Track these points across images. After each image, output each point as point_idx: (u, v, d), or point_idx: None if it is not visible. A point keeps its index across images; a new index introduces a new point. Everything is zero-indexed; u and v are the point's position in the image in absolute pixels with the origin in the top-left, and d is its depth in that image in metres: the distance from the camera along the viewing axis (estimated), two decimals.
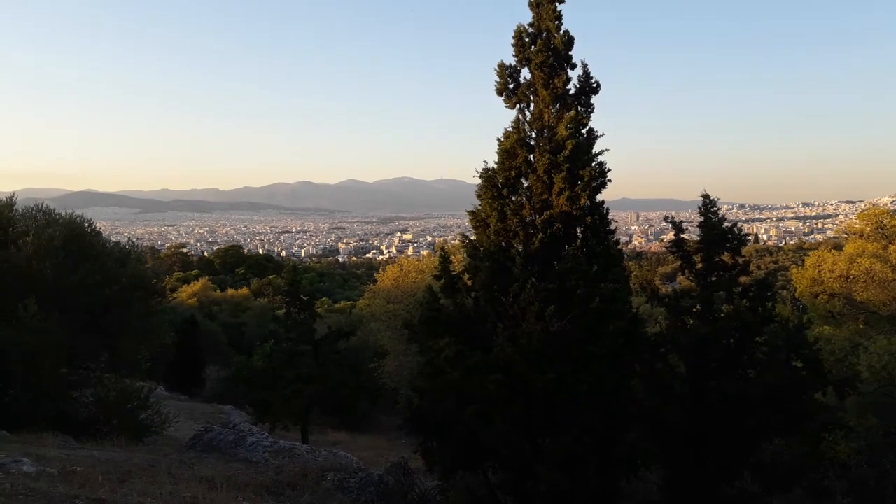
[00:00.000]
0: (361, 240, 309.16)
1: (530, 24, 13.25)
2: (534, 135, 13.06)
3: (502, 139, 12.96)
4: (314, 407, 24.25)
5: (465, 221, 13.76)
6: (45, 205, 17.74)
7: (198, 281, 68.30)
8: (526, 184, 12.79)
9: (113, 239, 19.83)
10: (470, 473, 12.42)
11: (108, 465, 9.07)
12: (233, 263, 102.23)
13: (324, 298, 64.86)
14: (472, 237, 13.18)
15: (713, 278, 13.82)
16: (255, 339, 45.13)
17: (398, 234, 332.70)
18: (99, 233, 17.21)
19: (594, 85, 13.04)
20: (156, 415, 15.01)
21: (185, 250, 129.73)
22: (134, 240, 22.66)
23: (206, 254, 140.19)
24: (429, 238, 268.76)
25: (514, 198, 12.79)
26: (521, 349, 11.21)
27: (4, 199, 17.82)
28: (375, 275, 40.52)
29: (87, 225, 16.79)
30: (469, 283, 12.84)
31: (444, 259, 13.11)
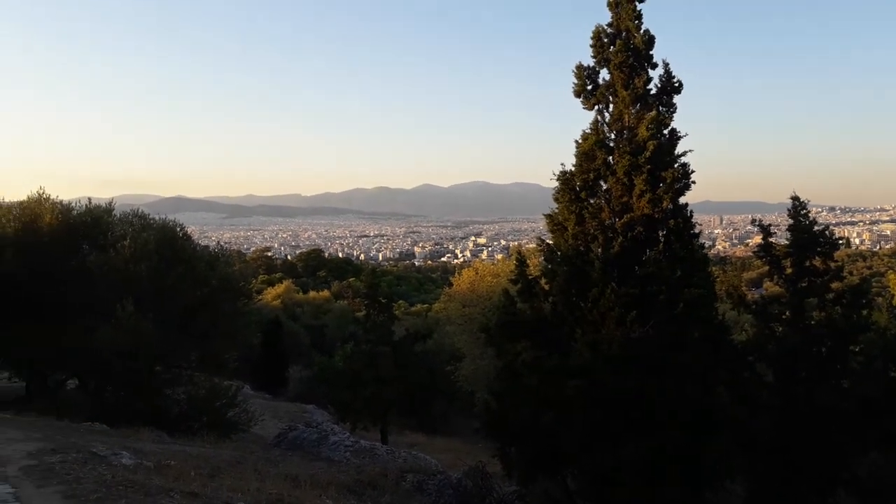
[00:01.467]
0: (436, 244, 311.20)
1: (609, 25, 13.05)
2: (613, 136, 12.84)
3: (580, 141, 12.81)
4: (393, 408, 24.58)
5: (541, 225, 13.64)
6: (140, 210, 18.74)
7: (281, 283, 70.43)
8: (605, 186, 12.59)
9: (202, 243, 20.76)
10: (548, 479, 12.30)
11: (198, 461, 9.44)
12: (314, 266, 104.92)
13: (401, 301, 65.66)
14: (549, 241, 13.07)
15: (804, 284, 13.23)
16: (335, 341, 46.10)
17: (472, 238, 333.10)
18: (190, 237, 18.03)
19: (676, 84, 12.71)
20: (243, 413, 15.58)
21: (269, 254, 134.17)
22: (222, 244, 23.57)
23: (289, 257, 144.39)
24: (503, 242, 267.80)
25: (592, 201, 12.61)
26: (601, 355, 11.04)
27: (104, 205, 18.97)
28: (451, 278, 40.66)
29: (179, 229, 17.62)
30: (546, 287, 12.73)
31: (521, 263, 13.06)
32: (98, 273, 15.68)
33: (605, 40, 12.99)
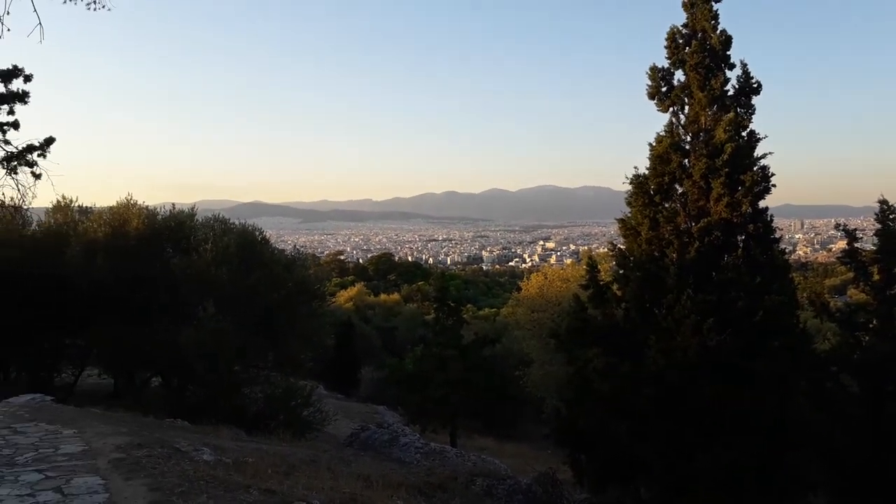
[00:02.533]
0: (504, 248, 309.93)
1: (684, 25, 12.80)
2: (689, 139, 12.58)
3: (654, 144, 12.59)
4: (462, 411, 24.64)
5: (611, 230, 13.50)
6: (220, 215, 19.46)
7: (354, 286, 71.75)
8: (680, 190, 12.34)
9: (278, 246, 21.38)
10: (620, 488, 12.10)
11: (275, 458, 9.68)
12: (385, 270, 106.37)
13: (469, 305, 65.76)
14: (622, 246, 12.88)
15: (893, 291, 12.59)
16: (405, 343, 46.55)
17: (541, 242, 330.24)
18: (268, 241, 18.60)
19: (755, 85, 12.35)
20: (317, 412, 15.92)
21: (342, 257, 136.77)
22: (298, 247, 24.20)
23: (360, 261, 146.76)
24: (572, 247, 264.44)
25: (667, 205, 12.37)
26: (675, 363, 10.80)
27: (187, 210, 19.79)
28: (519, 283, 40.45)
29: (258, 234, 18.20)
30: (618, 293, 12.55)
31: (592, 268, 12.91)
32: (181, 276, 16.36)
33: (680, 41, 12.75)
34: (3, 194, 11.12)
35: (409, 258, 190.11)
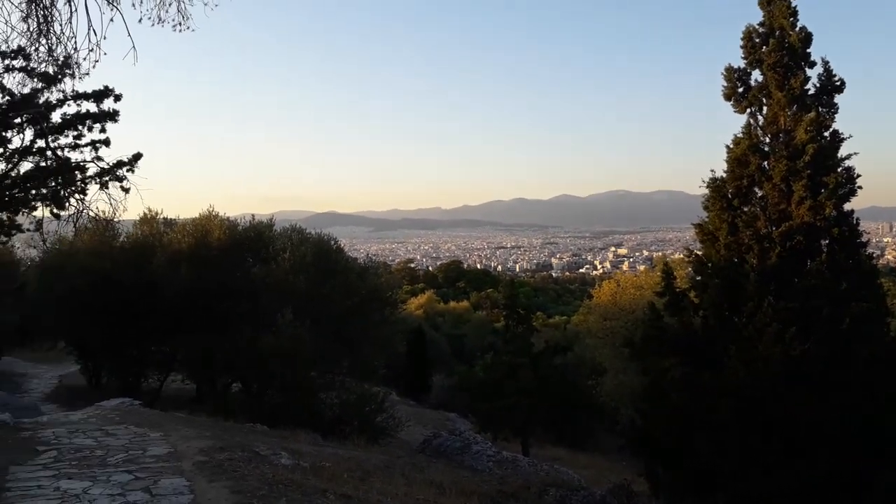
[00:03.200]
0: (574, 255, 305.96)
1: (760, 24, 12.42)
2: (768, 140, 12.19)
3: (731, 146, 12.25)
4: (533, 420, 24.48)
5: (686, 235, 13.19)
6: (297, 225, 20.03)
7: (424, 294, 72.29)
8: (760, 193, 11.96)
9: (351, 255, 21.82)
10: (697, 501, 11.76)
11: (350, 463, 9.85)
12: (454, 277, 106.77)
13: (539, 313, 65.27)
14: (698, 251, 12.57)
15: None
16: (475, 350, 46.56)
17: (612, 248, 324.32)
18: (342, 250, 19.01)
19: (837, 83, 11.87)
20: (390, 418, 16.11)
21: (412, 265, 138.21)
22: (371, 255, 24.61)
23: (430, 268, 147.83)
24: (645, 253, 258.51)
25: (746, 209, 12.01)
26: (756, 373, 10.44)
27: (265, 220, 20.48)
28: (590, 290, 39.86)
29: (332, 243, 18.64)
30: (695, 300, 12.24)
31: (668, 275, 12.64)
32: (261, 284, 16.91)
33: (757, 40, 12.39)
34: (97, 208, 11.73)
35: (478, 265, 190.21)
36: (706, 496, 11.56)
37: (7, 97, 11.07)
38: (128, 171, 11.96)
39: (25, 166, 11.70)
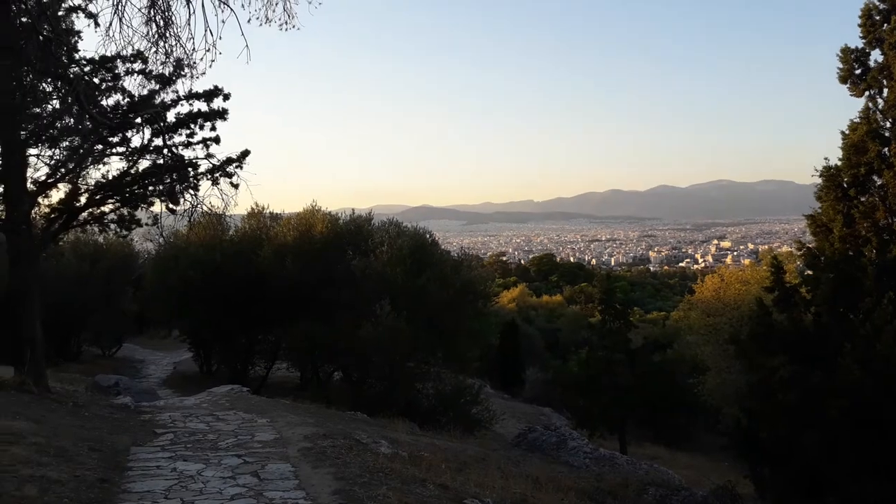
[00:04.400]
0: (673, 248, 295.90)
1: (881, 0, 11.59)
2: (888, 125, 11.39)
3: (847, 132, 11.53)
4: (631, 417, 24.01)
5: (795, 227, 12.52)
6: (394, 219, 20.49)
7: (516, 287, 72.09)
8: (879, 182, 11.21)
9: (444, 248, 22.08)
10: None
11: (447, 454, 9.95)
12: (546, 271, 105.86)
13: (636, 308, 63.70)
14: (810, 244, 11.92)
15: None
16: (569, 345, 46.06)
17: (714, 241, 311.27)
18: (437, 243, 19.30)
19: None
20: (485, 411, 16.24)
21: (504, 258, 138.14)
22: (464, 249, 24.83)
23: (522, 262, 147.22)
24: (750, 246, 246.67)
25: (863, 199, 11.28)
26: (874, 374, 9.81)
27: (364, 214, 21.08)
28: (692, 285, 38.49)
29: (428, 236, 18.95)
30: (807, 296, 11.61)
31: (777, 269, 12.04)
32: (360, 276, 17.42)
33: (877, 18, 11.59)
34: (209, 203, 12.35)
35: (572, 259, 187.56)
36: (815, 499, 10.98)
37: (127, 99, 11.76)
38: (236, 167, 12.48)
39: (143, 164, 12.43)
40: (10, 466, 6.18)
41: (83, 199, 12.48)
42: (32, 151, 11.79)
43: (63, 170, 12.11)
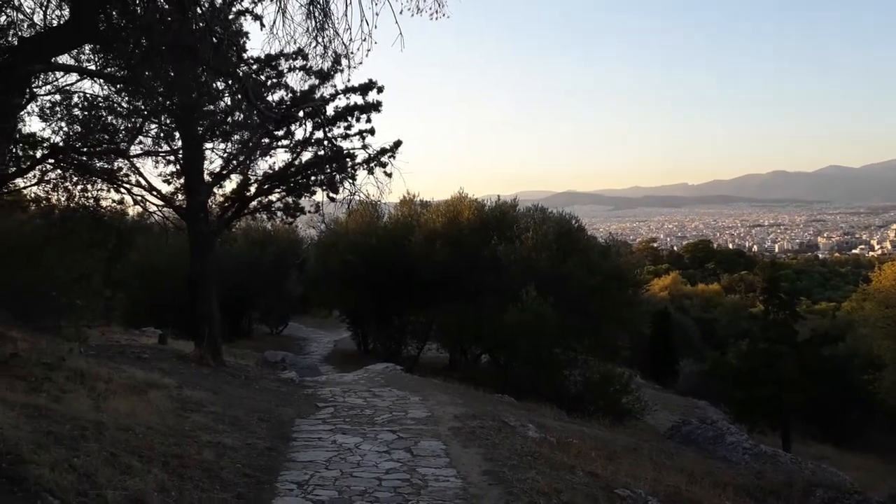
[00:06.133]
0: (846, 234, 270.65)
1: None
2: None
3: None
4: (795, 413, 22.48)
5: None
6: (539, 205, 20.45)
7: (668, 275, 69.31)
8: None
9: (591, 234, 21.72)
10: None
11: (596, 442, 9.82)
12: (701, 258, 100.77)
13: (802, 298, 59.19)
14: None
15: None
16: (727, 336, 43.80)
17: (893, 226, 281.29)
18: (583, 229, 19.06)
19: None
20: (636, 401, 15.86)
21: (654, 245, 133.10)
22: (612, 234, 24.34)
23: (674, 248, 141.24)
24: None
25: None
26: None
27: (509, 201, 21.22)
28: (868, 273, 35.20)
29: (573, 222, 18.74)
30: None
31: None
32: (506, 261, 17.58)
33: None
34: (365, 191, 12.97)
35: (730, 245, 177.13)
36: None
37: (290, 94, 12.55)
38: (390, 157, 13.00)
39: (306, 155, 13.25)
40: (191, 432, 6.86)
41: (253, 189, 13.51)
42: (208, 146, 12.94)
43: (235, 162, 13.18)
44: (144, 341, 14.15)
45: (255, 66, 11.80)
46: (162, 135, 12.41)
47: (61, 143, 10.45)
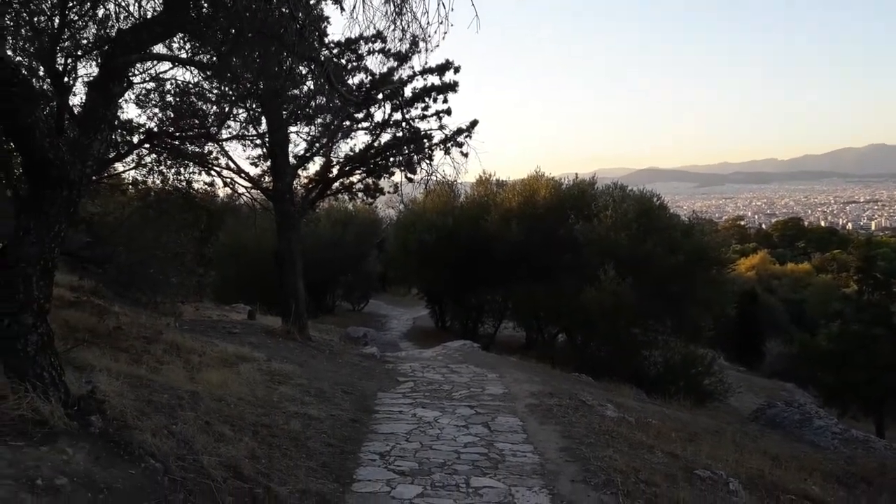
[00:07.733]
0: None
1: None
2: None
3: None
4: (891, 399, 21.41)
5: None
6: (619, 183, 20.07)
7: (756, 254, 66.82)
8: None
9: (674, 212, 21.17)
10: None
11: (676, 423, 9.70)
12: (791, 237, 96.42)
13: None
14: None
15: None
16: (817, 318, 41.99)
17: None
18: (665, 207, 18.58)
19: None
20: (718, 383, 15.48)
21: (742, 223, 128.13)
22: (696, 212, 23.68)
23: (763, 226, 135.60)
24: None
25: None
26: None
27: (587, 179, 20.92)
28: None
29: (655, 199, 18.30)
30: None
31: None
32: (583, 240, 17.40)
33: None
34: (442, 171, 13.10)
35: (822, 223, 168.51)
36: None
37: (370, 77, 12.75)
38: (466, 137, 13.05)
39: (385, 137, 13.46)
40: (279, 403, 7.23)
41: (335, 171, 13.86)
42: (292, 129, 13.34)
43: (318, 145, 13.54)
44: (234, 317, 14.84)
45: (335, 51, 12.03)
46: (249, 119, 12.86)
47: (156, 129, 11.00)
